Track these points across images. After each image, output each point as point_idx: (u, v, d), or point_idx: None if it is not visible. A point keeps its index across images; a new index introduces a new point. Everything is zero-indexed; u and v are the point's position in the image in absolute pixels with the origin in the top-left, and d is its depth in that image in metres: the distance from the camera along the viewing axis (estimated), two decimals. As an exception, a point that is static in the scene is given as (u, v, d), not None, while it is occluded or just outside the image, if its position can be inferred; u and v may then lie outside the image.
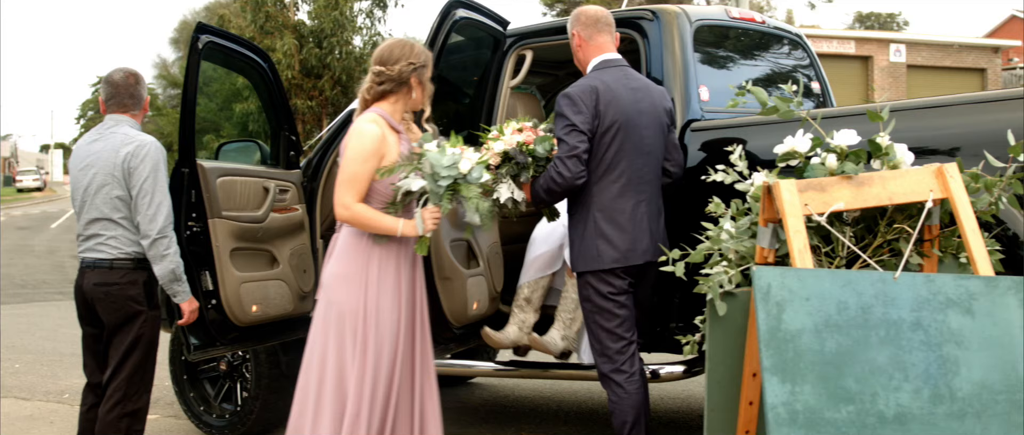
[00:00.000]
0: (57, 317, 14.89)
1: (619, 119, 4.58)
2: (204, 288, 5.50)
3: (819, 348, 3.05)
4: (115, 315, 4.93)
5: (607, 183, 4.61)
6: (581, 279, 4.73)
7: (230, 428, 6.59)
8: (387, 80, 4.46)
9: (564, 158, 4.50)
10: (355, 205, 4.34)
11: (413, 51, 4.52)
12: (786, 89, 3.89)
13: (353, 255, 4.42)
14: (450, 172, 4.27)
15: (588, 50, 4.80)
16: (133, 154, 4.85)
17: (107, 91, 5.06)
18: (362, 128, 4.38)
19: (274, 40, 29.42)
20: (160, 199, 4.83)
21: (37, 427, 7.21)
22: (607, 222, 4.61)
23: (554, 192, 4.57)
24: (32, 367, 9.93)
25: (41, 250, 27.12)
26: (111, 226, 4.89)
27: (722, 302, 3.46)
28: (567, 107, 4.56)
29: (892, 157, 3.55)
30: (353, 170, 4.33)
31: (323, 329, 4.43)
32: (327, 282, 4.46)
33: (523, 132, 4.56)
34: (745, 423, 3.47)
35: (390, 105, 4.50)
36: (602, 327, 4.67)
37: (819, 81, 6.52)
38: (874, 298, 3.12)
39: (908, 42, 31.96)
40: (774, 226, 3.39)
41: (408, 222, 4.39)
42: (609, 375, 4.68)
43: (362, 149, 4.34)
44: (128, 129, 4.99)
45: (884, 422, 3.01)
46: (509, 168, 4.55)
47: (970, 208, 3.35)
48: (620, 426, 4.66)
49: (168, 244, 4.84)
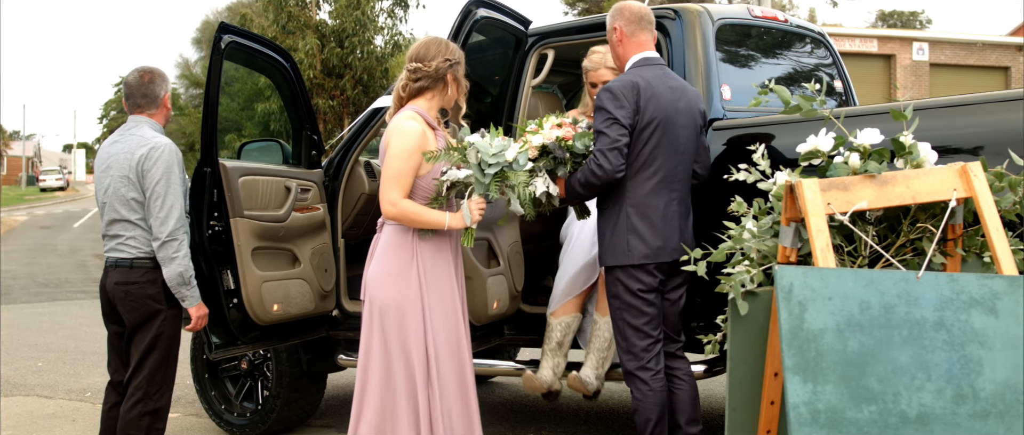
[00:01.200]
0: (80, 316, 14.96)
1: (658, 116, 4.58)
2: (225, 287, 5.52)
3: (841, 348, 3.03)
4: (135, 314, 4.96)
5: (642, 179, 4.60)
6: (610, 275, 4.72)
7: (251, 427, 6.61)
8: (424, 77, 4.50)
9: (605, 151, 4.48)
10: (402, 201, 4.37)
11: (449, 49, 4.57)
12: (809, 88, 3.88)
13: (397, 253, 4.45)
14: (498, 159, 4.31)
15: (628, 46, 4.79)
16: (147, 156, 4.87)
17: (124, 92, 5.14)
18: (404, 125, 4.41)
19: (296, 40, 29.52)
20: (172, 202, 4.85)
21: (60, 425, 7.24)
22: (639, 218, 4.60)
23: (592, 185, 4.55)
24: (55, 365, 9.98)
25: (64, 249, 27.28)
26: (130, 227, 4.93)
27: (744, 301, 3.45)
28: (608, 101, 4.55)
29: (915, 156, 3.53)
30: (398, 167, 4.36)
31: (367, 327, 4.49)
32: (371, 280, 4.49)
33: (562, 127, 4.56)
34: (766, 423, 3.46)
35: (426, 102, 4.54)
36: (629, 324, 4.66)
37: (842, 80, 6.48)
38: (897, 297, 3.10)
39: (931, 40, 31.76)
40: (796, 225, 3.38)
41: (454, 215, 4.43)
42: (634, 372, 4.67)
43: (405, 146, 4.37)
44: (147, 130, 5.01)
45: (906, 422, 2.99)
46: (546, 162, 4.54)
47: (994, 207, 3.32)
48: (644, 424, 4.65)
49: (177, 247, 4.85)
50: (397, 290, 4.42)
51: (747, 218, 3.69)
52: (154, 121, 5.08)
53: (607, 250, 4.71)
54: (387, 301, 4.42)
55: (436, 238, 4.49)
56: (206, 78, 5.59)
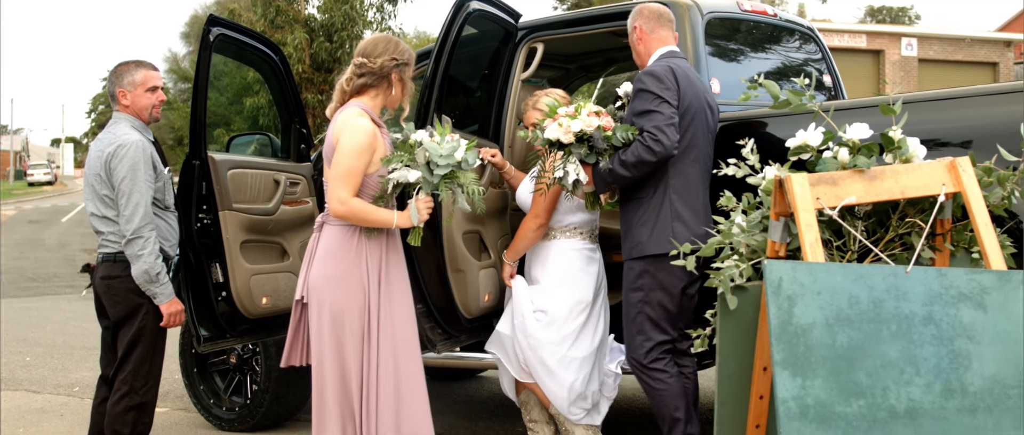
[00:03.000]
0: (68, 310, 14.92)
1: (695, 103, 4.59)
2: (214, 280, 5.51)
3: (830, 342, 3.03)
4: (118, 308, 4.96)
5: (684, 165, 4.57)
6: (638, 264, 4.64)
7: (240, 421, 6.60)
8: (368, 73, 4.45)
9: (662, 127, 4.42)
10: (351, 200, 4.31)
11: (397, 48, 4.50)
12: (798, 82, 3.88)
13: (343, 254, 4.39)
14: (448, 161, 4.27)
15: (650, 43, 4.80)
16: (113, 154, 4.86)
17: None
18: (355, 123, 4.34)
19: (284, 34, 29.42)
20: (137, 200, 4.82)
21: (47, 420, 7.22)
22: (683, 204, 4.56)
23: (645, 163, 4.44)
24: (42, 360, 9.95)
25: (52, 244, 27.18)
26: (107, 222, 4.93)
27: (733, 296, 3.44)
28: (653, 83, 4.51)
29: (904, 151, 3.54)
30: (349, 165, 4.30)
31: (318, 333, 4.41)
32: (318, 284, 4.40)
33: (601, 117, 4.50)
34: (755, 417, 3.46)
35: (370, 100, 4.48)
36: (649, 318, 4.62)
37: (831, 75, 6.49)
38: (886, 292, 3.11)
39: (920, 36, 31.82)
40: (785, 220, 3.38)
41: (402, 214, 4.38)
42: (649, 365, 4.64)
43: (357, 144, 4.30)
44: (121, 128, 4.99)
45: (895, 417, 2.99)
46: (579, 149, 4.50)
47: (983, 202, 3.32)
48: (673, 411, 4.62)
49: (143, 245, 4.83)
50: (340, 294, 4.37)
51: (736, 213, 3.69)
52: (132, 117, 5.05)
53: (648, 239, 4.60)
54: (336, 305, 4.36)
55: (382, 237, 4.46)
56: (195, 70, 5.56)
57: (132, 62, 5.11)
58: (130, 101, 5.04)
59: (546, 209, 5.15)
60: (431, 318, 5.35)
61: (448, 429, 6.69)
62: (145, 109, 5.08)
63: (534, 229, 5.19)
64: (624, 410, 6.88)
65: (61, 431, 6.87)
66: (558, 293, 5.16)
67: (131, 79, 5.04)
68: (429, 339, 5.32)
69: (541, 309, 5.15)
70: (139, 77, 5.05)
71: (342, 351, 4.37)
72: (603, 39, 6.39)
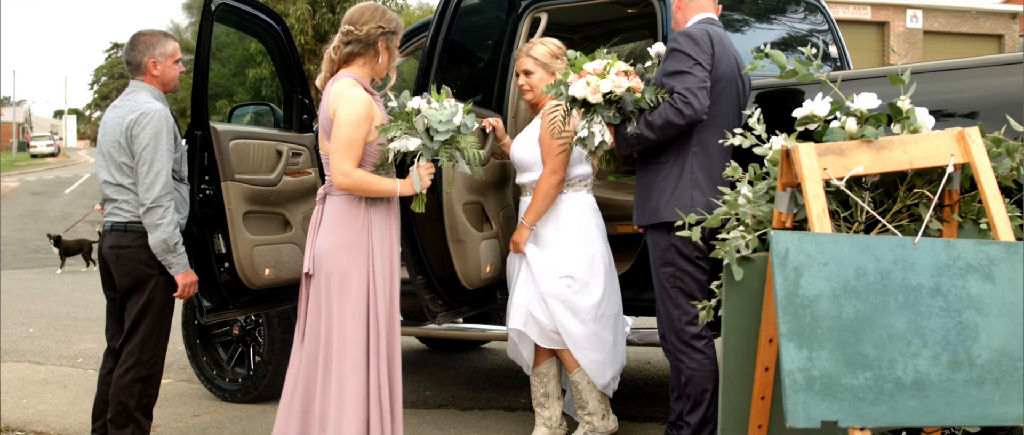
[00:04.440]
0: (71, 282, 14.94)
1: (727, 73, 4.51)
2: (217, 251, 5.50)
3: (837, 314, 3.01)
4: (127, 278, 4.94)
5: (707, 133, 4.47)
6: (659, 233, 4.56)
7: (243, 392, 6.61)
8: (355, 41, 4.43)
9: (694, 90, 4.32)
10: (355, 171, 4.30)
11: (384, 16, 4.49)
12: (805, 52, 3.84)
13: (350, 223, 4.39)
14: (447, 126, 4.25)
15: (688, 10, 4.70)
16: (136, 122, 4.83)
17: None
18: (351, 93, 4.32)
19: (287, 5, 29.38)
20: (158, 168, 4.80)
21: (51, 391, 7.23)
22: (703, 174, 4.47)
23: (673, 126, 4.35)
24: (46, 331, 9.97)
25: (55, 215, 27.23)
26: (122, 191, 4.90)
27: (739, 267, 3.42)
28: (688, 45, 4.41)
29: (912, 121, 3.50)
30: (349, 136, 4.28)
31: (327, 301, 4.39)
32: (325, 253, 4.39)
33: (630, 77, 4.39)
34: (761, 389, 3.45)
35: (358, 69, 4.46)
36: (683, 291, 4.55)
37: (837, 45, 6.45)
38: (893, 263, 3.08)
39: (924, 8, 31.68)
40: (792, 190, 3.35)
41: (405, 181, 4.37)
42: (688, 342, 4.58)
43: (356, 114, 4.28)
44: (142, 96, 4.97)
45: (902, 388, 2.97)
46: (607, 111, 4.40)
47: (991, 173, 3.29)
48: (701, 393, 4.58)
49: (162, 214, 4.81)
50: (348, 262, 4.36)
51: (742, 183, 3.66)
52: (152, 87, 5.03)
53: (665, 206, 4.52)
54: (345, 272, 4.35)
55: (386, 206, 4.46)
56: (197, 40, 5.53)
57: (158, 32, 5.10)
58: (160, 71, 5.02)
59: (563, 164, 5.04)
60: (432, 289, 5.34)
61: (451, 400, 6.70)
62: (173, 80, 5.10)
63: (555, 185, 5.07)
64: (627, 382, 6.87)
65: (64, 402, 6.87)
66: (575, 251, 5.10)
67: (163, 50, 5.03)
68: (430, 310, 5.31)
69: (568, 275, 5.08)
70: (169, 48, 5.05)
71: (347, 317, 4.36)
72: (608, 9, 6.35)
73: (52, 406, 6.76)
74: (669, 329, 4.68)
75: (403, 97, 4.40)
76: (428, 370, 7.65)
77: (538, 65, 5.17)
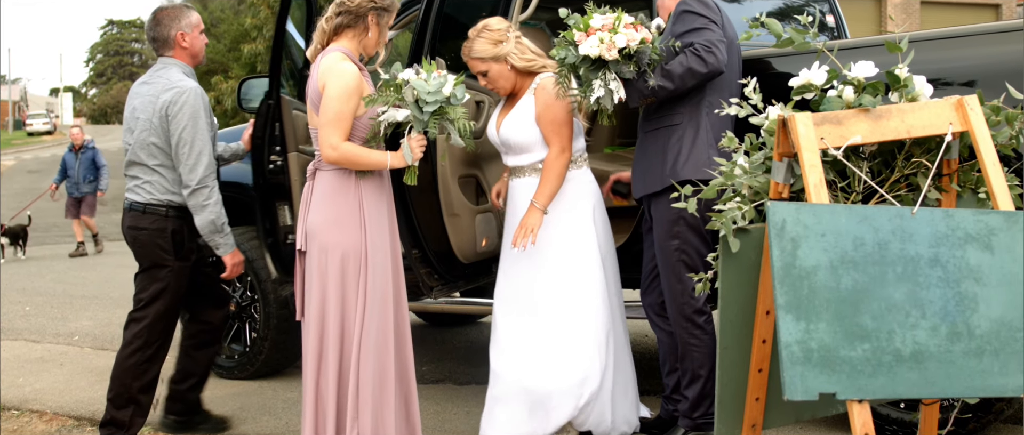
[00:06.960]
0: (67, 260, 14.90)
1: (732, 37, 4.51)
2: (282, 222, 5.53)
3: (835, 285, 2.98)
4: (145, 261, 4.95)
5: (717, 97, 4.43)
6: (675, 212, 4.35)
7: (239, 368, 6.60)
8: (345, 12, 4.40)
9: (715, 42, 4.28)
10: (343, 144, 4.28)
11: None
12: (801, 21, 3.79)
13: (341, 197, 4.36)
14: (436, 97, 4.21)
15: None
16: (172, 102, 4.78)
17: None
18: (341, 67, 4.30)
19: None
20: (200, 148, 4.77)
21: (47, 369, 7.22)
22: (714, 135, 4.42)
23: (694, 74, 4.28)
24: (42, 310, 9.95)
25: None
26: (147, 171, 4.87)
27: (735, 238, 3.39)
28: (699, 6, 4.38)
29: (910, 89, 3.46)
30: (338, 109, 4.26)
31: (321, 276, 4.35)
32: (317, 228, 4.36)
33: (638, 28, 4.28)
34: (758, 361, 3.42)
35: (347, 41, 4.43)
36: (687, 266, 4.48)
37: (834, 15, 6.41)
38: (891, 234, 3.05)
39: (922, -23, 31.57)
40: (789, 161, 3.31)
41: (395, 154, 4.35)
42: (691, 317, 4.55)
43: (344, 86, 4.26)
44: (173, 73, 4.90)
45: (900, 360, 2.95)
46: (625, 66, 4.27)
47: (990, 142, 3.26)
48: (698, 368, 4.56)
49: (208, 194, 4.78)
50: (343, 236, 4.34)
51: (738, 154, 3.62)
52: (182, 62, 4.97)
53: (683, 164, 4.42)
54: (339, 246, 4.33)
55: (377, 179, 4.43)
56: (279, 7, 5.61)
57: (179, 4, 5.06)
58: (189, 43, 4.98)
59: (570, 140, 4.75)
60: (427, 263, 5.32)
61: (448, 375, 6.68)
62: (201, 52, 5.08)
63: (565, 163, 4.73)
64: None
65: (61, 380, 6.86)
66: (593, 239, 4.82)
67: (189, 21, 4.98)
68: (426, 284, 5.29)
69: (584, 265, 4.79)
70: (194, 19, 5.01)
71: (345, 292, 4.35)
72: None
73: (49, 384, 6.75)
74: (671, 302, 4.64)
75: (394, 69, 4.37)
76: (425, 345, 7.63)
77: (487, 61, 4.81)
